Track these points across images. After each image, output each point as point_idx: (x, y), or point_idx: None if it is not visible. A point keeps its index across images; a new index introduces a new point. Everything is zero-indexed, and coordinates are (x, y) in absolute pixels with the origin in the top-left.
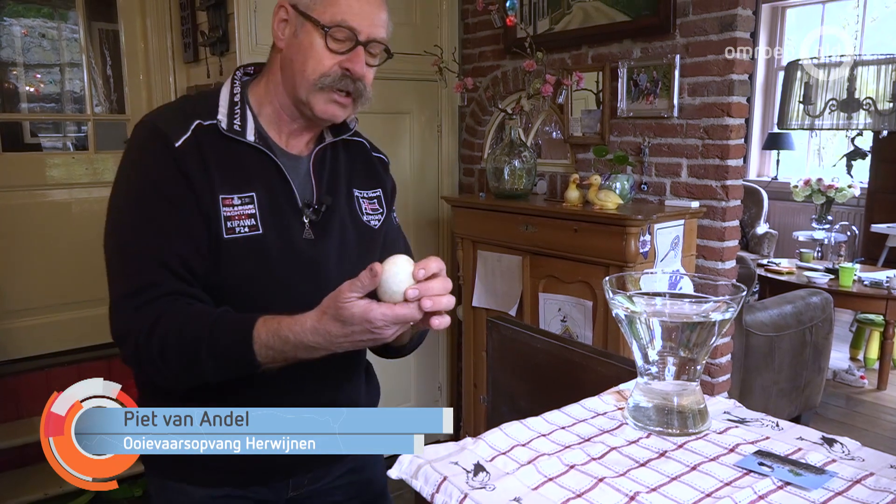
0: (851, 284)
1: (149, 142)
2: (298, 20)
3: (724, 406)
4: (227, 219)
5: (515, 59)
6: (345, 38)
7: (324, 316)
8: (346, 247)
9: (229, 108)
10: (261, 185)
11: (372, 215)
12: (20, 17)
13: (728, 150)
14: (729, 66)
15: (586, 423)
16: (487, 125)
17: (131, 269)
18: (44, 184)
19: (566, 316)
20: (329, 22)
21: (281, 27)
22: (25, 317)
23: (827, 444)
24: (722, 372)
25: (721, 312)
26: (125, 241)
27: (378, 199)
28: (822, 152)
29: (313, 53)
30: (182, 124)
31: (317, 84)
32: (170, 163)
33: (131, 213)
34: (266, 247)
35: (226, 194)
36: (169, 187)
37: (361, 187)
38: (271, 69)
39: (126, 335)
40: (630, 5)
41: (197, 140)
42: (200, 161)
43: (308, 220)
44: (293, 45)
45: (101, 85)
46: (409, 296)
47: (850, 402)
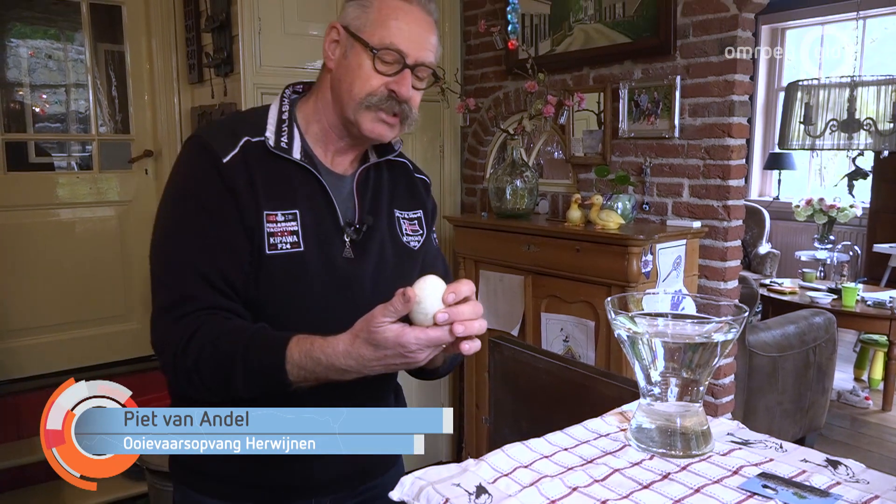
0: (854, 304)
1: (197, 157)
2: (349, 41)
3: (727, 427)
4: (269, 235)
5: (517, 80)
6: (393, 60)
7: (356, 339)
8: (384, 267)
9: (277, 126)
10: (304, 203)
11: (412, 236)
12: (27, 38)
13: (729, 171)
14: (729, 87)
15: (589, 445)
16: (489, 145)
17: (172, 281)
18: (48, 203)
19: (568, 336)
20: (378, 44)
21: (332, 48)
22: (27, 336)
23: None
24: (725, 393)
25: (724, 333)
26: (168, 254)
27: (419, 221)
28: (823, 172)
29: (361, 74)
30: (231, 140)
31: (363, 103)
32: (216, 178)
33: (175, 226)
34: (306, 264)
35: (270, 210)
36: (214, 202)
37: (403, 208)
38: (320, 88)
39: (164, 346)
40: (631, 27)
41: (245, 156)
42: (247, 177)
43: (349, 239)
44: (342, 66)
45: (105, 105)
46: (438, 320)
47: (855, 424)
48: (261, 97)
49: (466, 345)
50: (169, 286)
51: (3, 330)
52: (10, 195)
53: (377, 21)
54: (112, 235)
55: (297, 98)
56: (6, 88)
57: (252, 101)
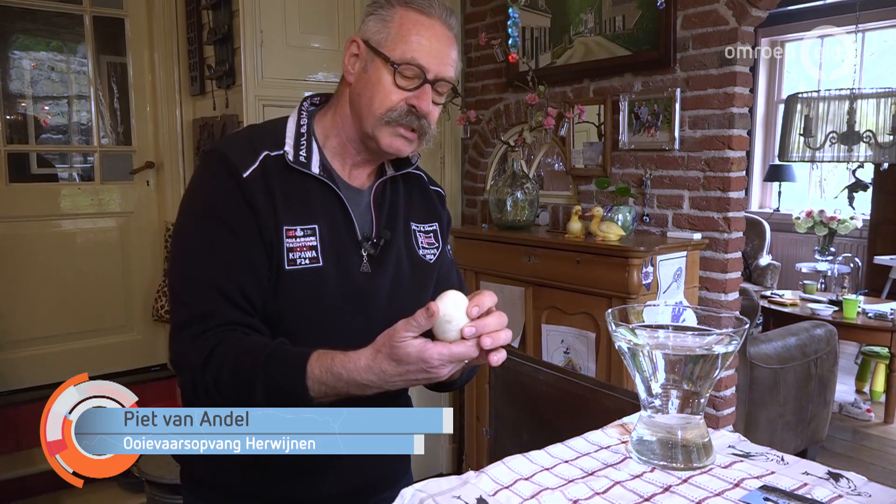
0: (856, 316)
1: (218, 171)
2: (369, 55)
3: (728, 440)
4: (289, 250)
5: (518, 92)
6: (413, 75)
7: (378, 354)
8: (401, 281)
9: (296, 140)
10: (323, 218)
11: (428, 249)
12: (30, 50)
13: (729, 183)
14: (729, 100)
15: (590, 457)
16: (490, 157)
17: (191, 297)
18: (50, 214)
19: (569, 348)
20: (399, 59)
21: (351, 62)
22: (27, 347)
23: (833, 479)
24: (726, 405)
25: (724, 345)
26: (187, 270)
27: (434, 234)
28: (823, 184)
29: (381, 88)
30: (251, 155)
31: (383, 118)
32: (236, 193)
33: (194, 241)
34: (325, 279)
35: (289, 226)
36: (233, 218)
37: (419, 221)
38: (339, 101)
39: (183, 363)
40: (631, 40)
41: (264, 171)
42: (267, 192)
43: (366, 253)
44: (362, 80)
45: (108, 117)
46: (465, 334)
47: (857, 436)
48: (262, 109)
49: (495, 357)
50: (188, 303)
51: (4, 341)
52: (11, 206)
53: (398, 35)
54: (113, 246)
55: (315, 110)
56: (9, 100)
57: (254, 113)
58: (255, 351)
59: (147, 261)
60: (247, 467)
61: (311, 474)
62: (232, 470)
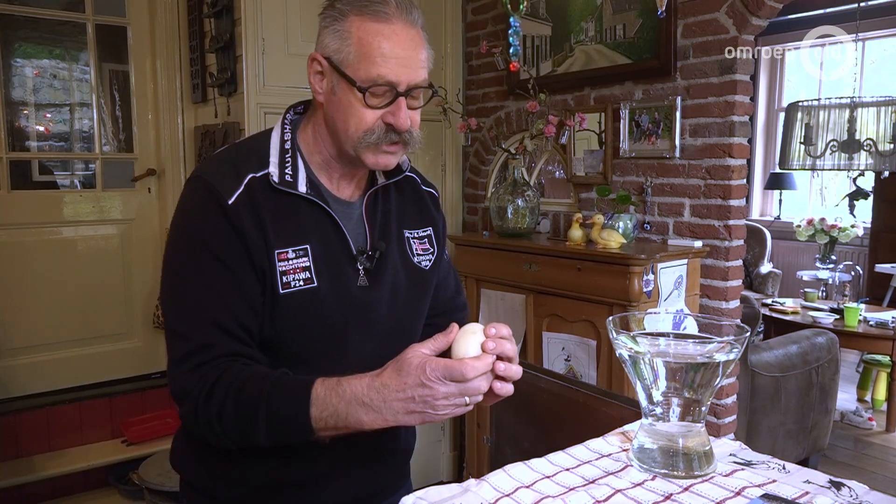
0: (857, 324)
1: (203, 200)
2: (334, 75)
3: (729, 448)
4: (282, 273)
5: (518, 100)
6: (383, 92)
7: (385, 369)
8: (398, 291)
9: (280, 157)
10: (315, 237)
11: (423, 256)
12: (32, 58)
13: (730, 190)
14: (729, 108)
15: (591, 465)
16: (491, 164)
17: (188, 330)
18: (51, 221)
19: (570, 355)
20: (365, 80)
21: (317, 80)
22: (28, 354)
23: (835, 488)
24: (727, 413)
25: (725, 353)
26: (181, 303)
27: (429, 238)
28: (824, 192)
29: (353, 112)
30: (235, 179)
31: (361, 142)
32: (223, 222)
33: (186, 273)
34: (321, 299)
35: (280, 248)
36: (223, 247)
37: (412, 227)
38: (316, 118)
39: (184, 396)
40: (631, 48)
41: (250, 195)
42: (254, 217)
43: (363, 267)
44: (332, 102)
45: (109, 124)
46: (486, 347)
47: (859, 445)
48: (264, 116)
49: (499, 384)
50: (185, 336)
51: (5, 348)
52: (13, 213)
53: (360, 55)
54: (114, 254)
55: (299, 119)
56: (11, 107)
57: (255, 120)
58: (258, 381)
59: (148, 268)
60: (246, 479)
61: (313, 484)
62: (232, 481)
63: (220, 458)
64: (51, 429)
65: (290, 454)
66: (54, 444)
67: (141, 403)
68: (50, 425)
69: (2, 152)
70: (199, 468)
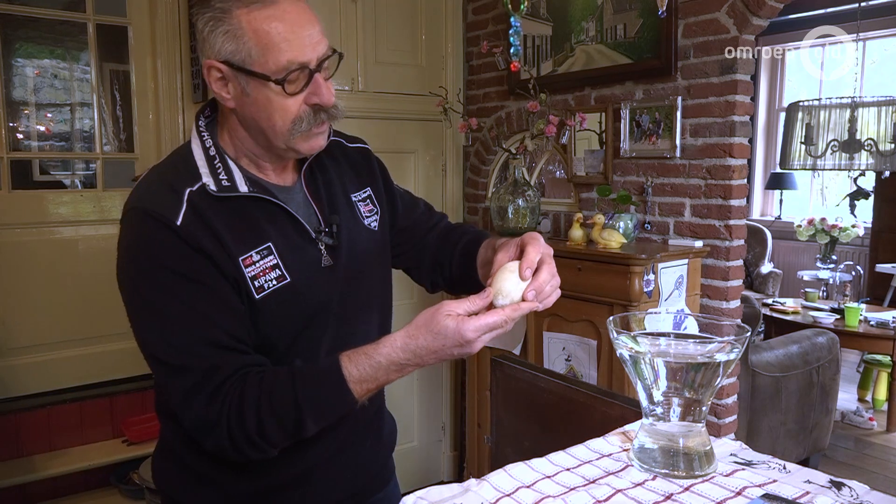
0: (857, 324)
1: (149, 229)
2: (241, 78)
3: (730, 448)
4: (253, 279)
5: (519, 99)
6: (298, 76)
7: (417, 331)
8: (359, 258)
9: (210, 166)
10: (273, 233)
11: (369, 217)
12: (33, 57)
13: (731, 190)
14: (730, 108)
15: (591, 465)
16: (491, 164)
17: (185, 359)
18: (51, 221)
19: (570, 355)
20: (276, 71)
21: (220, 86)
22: (29, 354)
23: (835, 488)
24: (728, 413)
25: (726, 353)
26: (165, 334)
27: (370, 199)
28: (825, 192)
29: (275, 106)
30: (174, 198)
31: (293, 133)
32: (178, 243)
33: (160, 304)
34: (297, 292)
35: (244, 254)
36: (188, 267)
37: (354, 190)
38: (229, 124)
39: (209, 427)
40: (632, 48)
41: (195, 210)
42: (207, 231)
43: (323, 245)
44: (247, 104)
45: (110, 124)
46: (528, 296)
47: (859, 445)
48: None
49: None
50: (185, 367)
51: (6, 347)
52: (13, 213)
53: (261, 47)
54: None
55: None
56: (12, 107)
57: None
58: (285, 384)
59: None
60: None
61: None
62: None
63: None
64: (52, 428)
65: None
66: (55, 444)
67: (142, 403)
68: (51, 425)
69: (2, 152)
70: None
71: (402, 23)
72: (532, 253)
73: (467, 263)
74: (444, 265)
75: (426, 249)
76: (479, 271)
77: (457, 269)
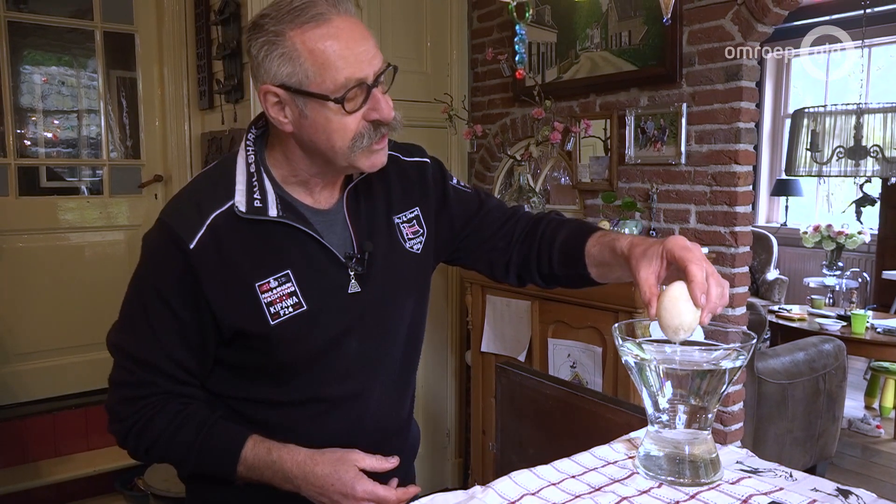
0: (864, 332)
1: (164, 244)
2: (299, 100)
3: (736, 455)
4: (268, 305)
5: (524, 106)
6: (356, 93)
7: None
8: (393, 284)
9: (247, 184)
10: (295, 259)
11: (413, 239)
12: (40, 65)
13: (736, 197)
14: (735, 115)
15: (596, 472)
16: (496, 171)
17: (128, 362)
18: (58, 227)
19: (576, 362)
20: (335, 89)
21: (277, 111)
22: (35, 359)
23: (842, 496)
24: (734, 420)
25: (732, 360)
26: (127, 339)
27: (416, 220)
28: (830, 198)
29: (335, 126)
30: (198, 220)
31: (353, 150)
32: (181, 266)
33: (135, 312)
34: (314, 320)
35: (261, 280)
36: (171, 294)
37: (399, 211)
38: (286, 146)
39: (115, 417)
40: (637, 55)
41: (214, 234)
42: (220, 256)
43: (353, 272)
44: (305, 126)
45: (117, 131)
46: (704, 322)
47: (867, 452)
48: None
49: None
50: (126, 368)
51: (12, 353)
52: (21, 219)
53: (317, 67)
54: (121, 259)
55: (262, 138)
56: (20, 114)
57: None
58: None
59: None
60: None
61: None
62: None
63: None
64: (57, 434)
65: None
66: (61, 450)
67: None
68: (56, 430)
69: (10, 158)
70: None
71: (408, 30)
72: (698, 274)
73: (573, 262)
74: (538, 261)
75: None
76: (590, 270)
77: (559, 268)
